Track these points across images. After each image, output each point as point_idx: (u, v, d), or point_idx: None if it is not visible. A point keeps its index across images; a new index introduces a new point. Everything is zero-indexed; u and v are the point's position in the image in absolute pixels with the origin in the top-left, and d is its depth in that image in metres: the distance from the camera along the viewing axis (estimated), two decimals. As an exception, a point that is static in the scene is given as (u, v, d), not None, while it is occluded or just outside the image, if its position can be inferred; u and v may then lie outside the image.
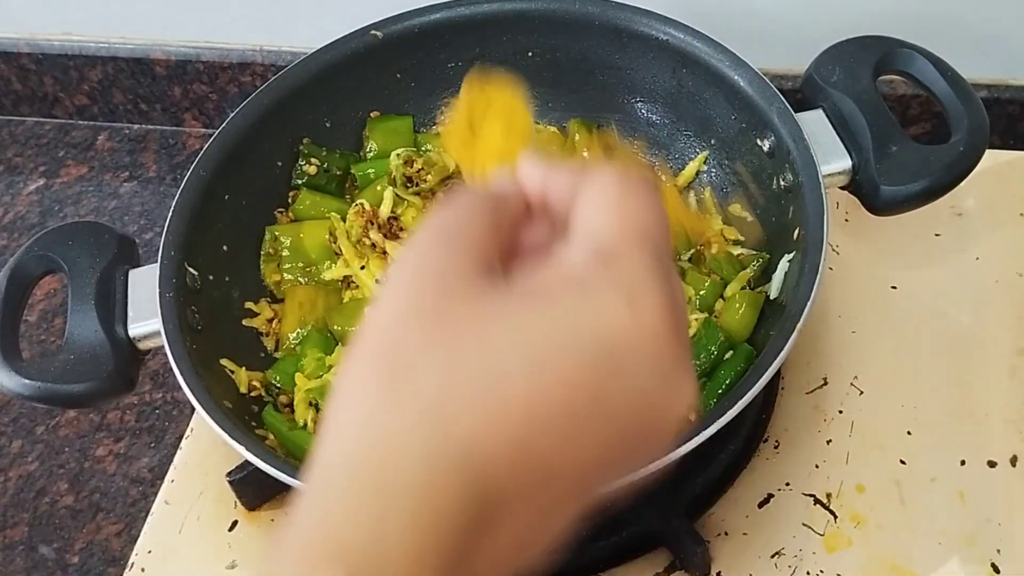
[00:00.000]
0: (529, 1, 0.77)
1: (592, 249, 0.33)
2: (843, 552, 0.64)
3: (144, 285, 0.66)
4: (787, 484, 0.68)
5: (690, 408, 0.33)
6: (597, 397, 0.31)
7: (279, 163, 0.77)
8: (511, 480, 0.30)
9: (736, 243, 0.75)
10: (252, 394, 0.68)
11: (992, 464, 0.67)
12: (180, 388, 0.61)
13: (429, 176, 0.78)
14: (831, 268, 0.78)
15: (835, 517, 0.66)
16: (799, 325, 0.58)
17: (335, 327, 0.72)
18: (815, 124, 0.68)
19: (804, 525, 0.66)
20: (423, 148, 0.80)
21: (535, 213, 0.37)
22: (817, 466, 0.68)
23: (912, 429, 0.69)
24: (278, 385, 0.70)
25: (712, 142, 0.76)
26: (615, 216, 0.34)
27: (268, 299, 0.75)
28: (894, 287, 0.77)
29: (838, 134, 0.68)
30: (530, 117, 0.42)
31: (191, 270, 0.67)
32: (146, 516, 0.71)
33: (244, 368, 0.69)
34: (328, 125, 0.79)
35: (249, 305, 0.73)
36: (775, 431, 0.70)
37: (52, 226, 0.72)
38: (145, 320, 0.65)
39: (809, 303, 0.59)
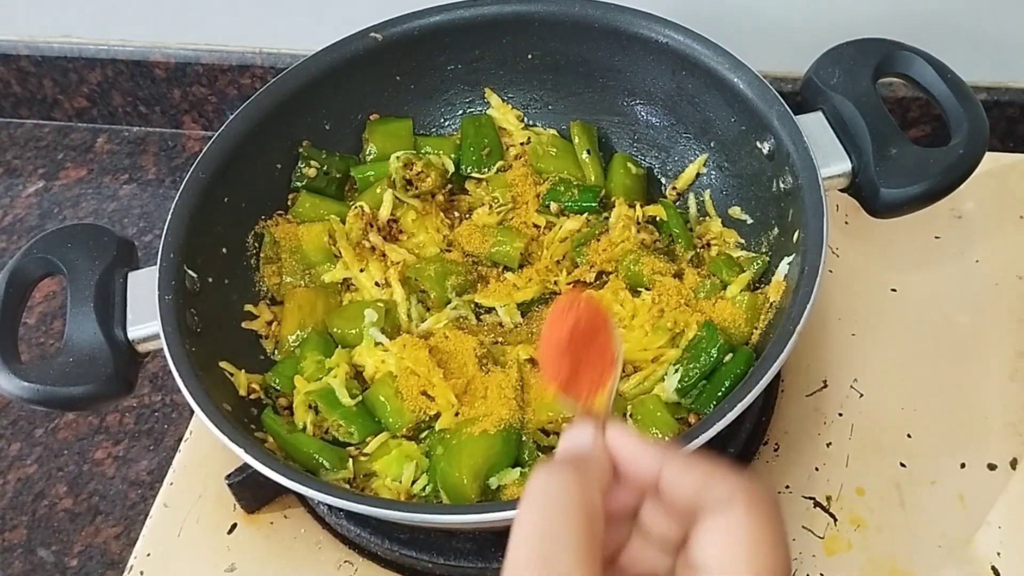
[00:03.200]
0: (529, 4, 0.77)
1: None
2: (843, 555, 0.64)
3: (143, 288, 0.66)
4: (787, 487, 0.67)
5: None
6: None
7: (278, 166, 0.77)
8: None
9: (736, 245, 0.75)
10: (251, 397, 0.68)
11: (992, 467, 0.67)
12: (179, 391, 0.61)
13: (428, 179, 0.77)
14: (831, 271, 0.78)
15: (835, 520, 0.66)
16: (799, 327, 0.58)
17: (334, 329, 0.72)
18: (815, 127, 0.68)
19: (804, 528, 0.66)
20: (422, 151, 0.80)
21: (621, 477, 0.38)
22: (817, 469, 0.68)
23: (912, 432, 0.69)
24: (277, 388, 0.70)
25: (712, 144, 0.76)
26: (741, 567, 0.35)
27: (267, 302, 0.75)
28: (894, 289, 0.77)
29: (838, 137, 0.68)
30: (618, 338, 0.41)
31: (190, 272, 0.67)
32: (145, 519, 0.71)
33: (243, 371, 0.69)
34: (328, 128, 0.79)
35: (248, 307, 0.73)
36: (775, 434, 0.70)
37: (51, 228, 0.72)
38: (144, 323, 0.65)
39: (809, 305, 0.59)
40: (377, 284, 0.73)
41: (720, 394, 0.64)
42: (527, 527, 0.35)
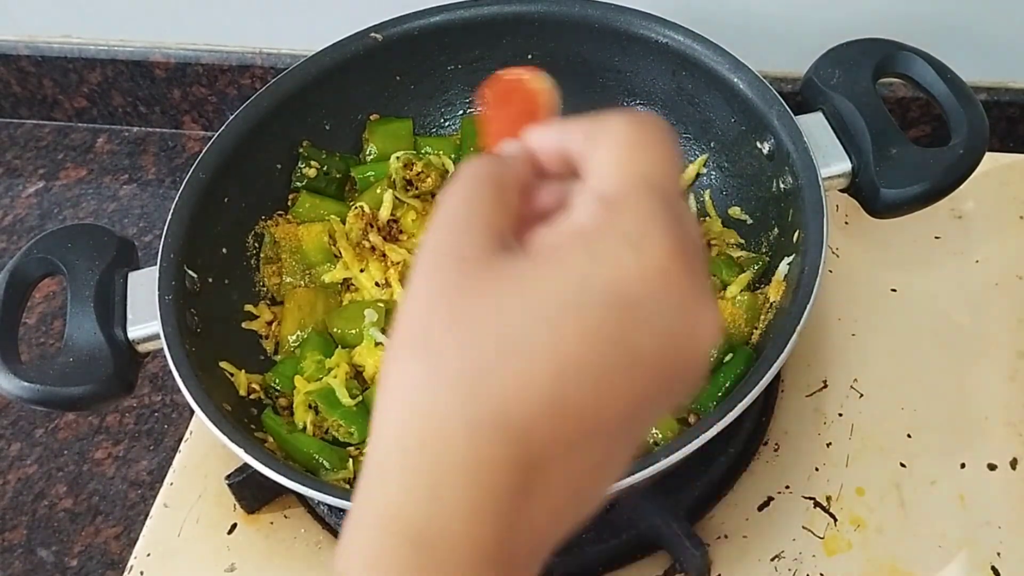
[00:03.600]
0: (529, 4, 0.77)
1: (597, 198, 0.34)
2: (843, 555, 0.64)
3: (143, 288, 0.66)
4: (787, 487, 0.67)
5: (717, 334, 0.34)
6: (620, 344, 0.32)
7: (278, 166, 0.77)
8: (552, 436, 0.32)
9: (736, 246, 0.75)
10: (251, 397, 0.68)
11: (992, 467, 0.67)
12: (179, 391, 0.61)
13: (429, 179, 0.77)
14: (831, 271, 0.78)
15: (835, 520, 0.66)
16: (799, 327, 0.58)
17: (335, 329, 0.72)
18: (815, 127, 0.68)
19: (804, 528, 0.66)
20: (423, 151, 0.80)
21: (550, 173, 0.38)
22: (817, 469, 0.68)
23: (912, 432, 0.69)
24: (277, 388, 0.70)
25: (712, 145, 0.76)
26: (620, 163, 0.35)
27: (267, 302, 0.75)
28: (894, 289, 0.77)
29: (838, 137, 0.68)
30: (545, 86, 0.43)
31: (190, 273, 0.67)
32: (145, 519, 0.71)
33: (243, 371, 0.69)
34: (328, 128, 0.79)
35: (248, 308, 0.73)
36: (775, 434, 0.70)
37: (51, 228, 0.72)
38: (144, 323, 0.65)
39: (809, 305, 0.59)
40: (377, 284, 0.73)
41: (720, 394, 0.64)
42: (442, 199, 0.36)
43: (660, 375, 0.33)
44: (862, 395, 0.71)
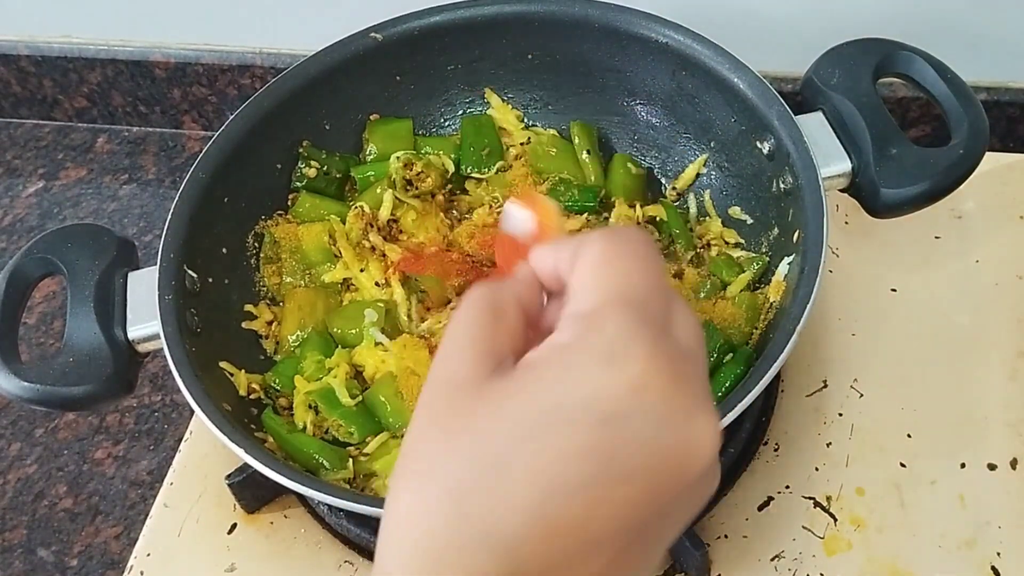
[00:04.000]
0: (529, 4, 0.77)
1: (576, 316, 0.35)
2: (843, 555, 0.64)
3: (143, 288, 0.66)
4: (787, 487, 0.67)
5: (716, 442, 0.33)
6: (603, 460, 0.32)
7: (278, 165, 0.77)
8: (543, 554, 0.32)
9: (736, 245, 0.75)
10: (251, 397, 0.68)
11: (992, 467, 0.67)
12: (179, 391, 0.61)
13: (429, 179, 0.77)
14: (831, 271, 0.78)
15: (835, 520, 0.66)
16: (799, 327, 0.58)
17: (334, 329, 0.72)
18: (815, 127, 0.68)
19: (804, 528, 0.66)
20: (423, 151, 0.80)
21: (555, 292, 0.39)
22: (817, 469, 0.68)
23: (912, 432, 0.69)
24: (277, 388, 0.70)
25: (712, 145, 0.76)
26: (596, 280, 0.35)
27: (267, 302, 0.75)
28: (894, 290, 0.77)
29: (838, 137, 0.68)
30: (549, 207, 0.44)
31: (190, 272, 0.67)
32: (145, 519, 0.71)
33: (243, 371, 0.69)
34: (328, 128, 0.79)
35: (248, 308, 0.73)
36: (775, 434, 0.70)
37: (51, 228, 0.72)
38: (144, 323, 0.65)
39: (809, 305, 0.59)
40: (377, 284, 0.73)
41: (720, 394, 0.64)
42: (446, 328, 0.37)
43: (658, 488, 0.33)
44: (862, 395, 0.71)
